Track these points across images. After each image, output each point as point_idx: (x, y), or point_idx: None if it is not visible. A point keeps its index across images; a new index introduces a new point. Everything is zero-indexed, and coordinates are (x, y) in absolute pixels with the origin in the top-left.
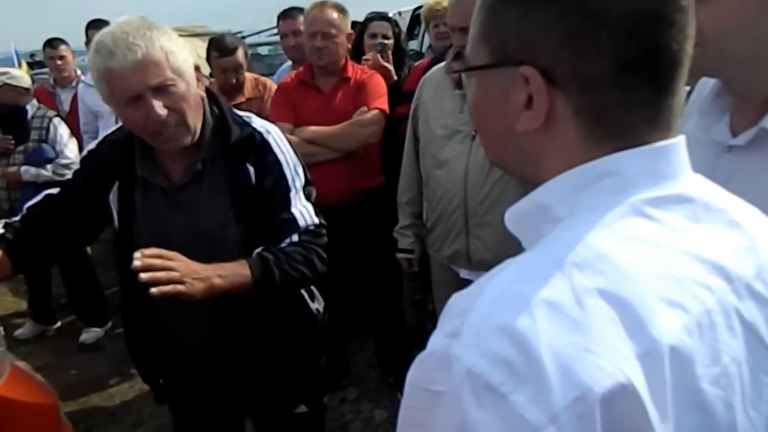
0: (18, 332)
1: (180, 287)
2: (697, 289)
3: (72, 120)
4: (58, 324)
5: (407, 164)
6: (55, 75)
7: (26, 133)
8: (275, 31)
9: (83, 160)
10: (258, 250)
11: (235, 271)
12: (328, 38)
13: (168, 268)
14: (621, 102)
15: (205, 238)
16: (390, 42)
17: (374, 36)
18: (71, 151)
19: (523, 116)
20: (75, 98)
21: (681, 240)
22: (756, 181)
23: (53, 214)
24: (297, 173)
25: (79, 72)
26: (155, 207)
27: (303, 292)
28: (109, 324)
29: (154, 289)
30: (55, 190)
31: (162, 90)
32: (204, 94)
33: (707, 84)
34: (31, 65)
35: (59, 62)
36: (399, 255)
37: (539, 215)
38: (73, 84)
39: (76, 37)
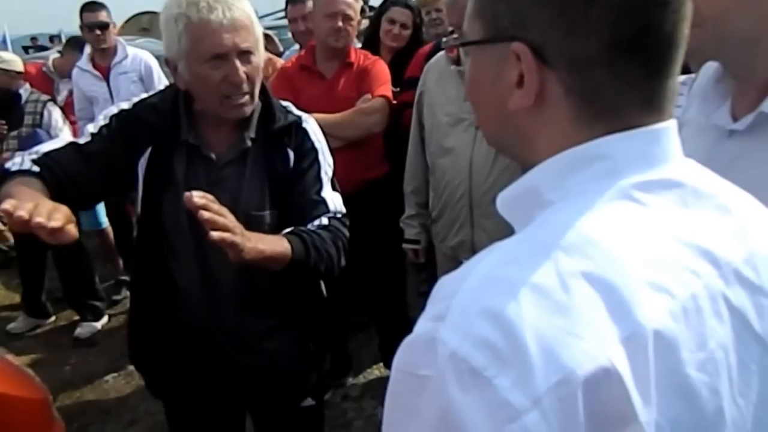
0: (10, 326)
1: (236, 238)
2: (683, 274)
3: (67, 110)
4: (53, 318)
5: (412, 152)
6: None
7: (20, 118)
8: (282, 14)
9: (114, 117)
10: (288, 229)
11: (275, 243)
12: (348, 21)
13: (223, 215)
14: (612, 83)
15: (242, 218)
16: (407, 32)
17: (392, 22)
18: (67, 136)
19: (515, 94)
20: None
21: (668, 225)
22: (757, 166)
23: (77, 163)
24: (329, 164)
25: None
26: (195, 178)
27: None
28: (105, 318)
29: (215, 234)
30: (81, 140)
31: (245, 55)
32: None
33: (709, 70)
34: (27, 49)
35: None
36: (405, 245)
37: (530, 199)
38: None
39: (69, 22)
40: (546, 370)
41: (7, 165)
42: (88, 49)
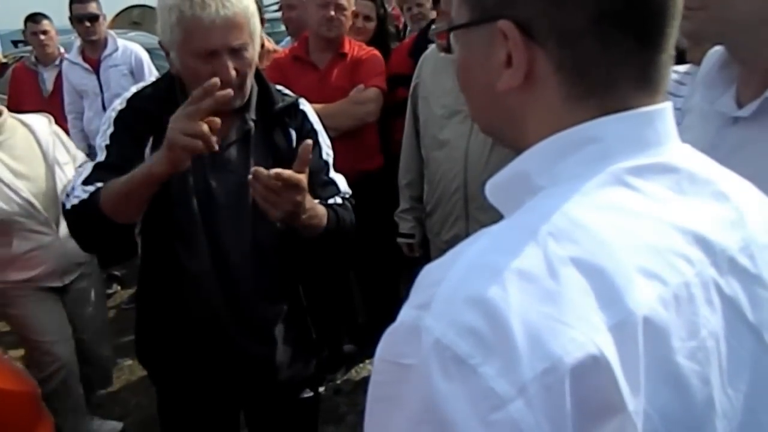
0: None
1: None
2: (675, 261)
3: (55, 99)
4: None
5: (407, 145)
6: (38, 52)
7: None
8: (275, 7)
9: (115, 120)
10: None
11: (317, 209)
12: (341, 10)
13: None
14: (603, 57)
15: (250, 198)
16: (371, 24)
17: (356, 15)
18: None
19: (504, 75)
20: (59, 77)
21: (661, 210)
22: (762, 153)
23: (112, 180)
24: (328, 146)
25: (62, 50)
26: (197, 161)
27: None
28: None
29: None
30: (101, 157)
31: (237, 52)
32: None
33: (714, 55)
34: (16, 43)
35: (42, 37)
36: (399, 240)
37: (520, 185)
38: (57, 62)
39: (59, 15)
40: (532, 358)
41: (69, 202)
42: (77, 42)
